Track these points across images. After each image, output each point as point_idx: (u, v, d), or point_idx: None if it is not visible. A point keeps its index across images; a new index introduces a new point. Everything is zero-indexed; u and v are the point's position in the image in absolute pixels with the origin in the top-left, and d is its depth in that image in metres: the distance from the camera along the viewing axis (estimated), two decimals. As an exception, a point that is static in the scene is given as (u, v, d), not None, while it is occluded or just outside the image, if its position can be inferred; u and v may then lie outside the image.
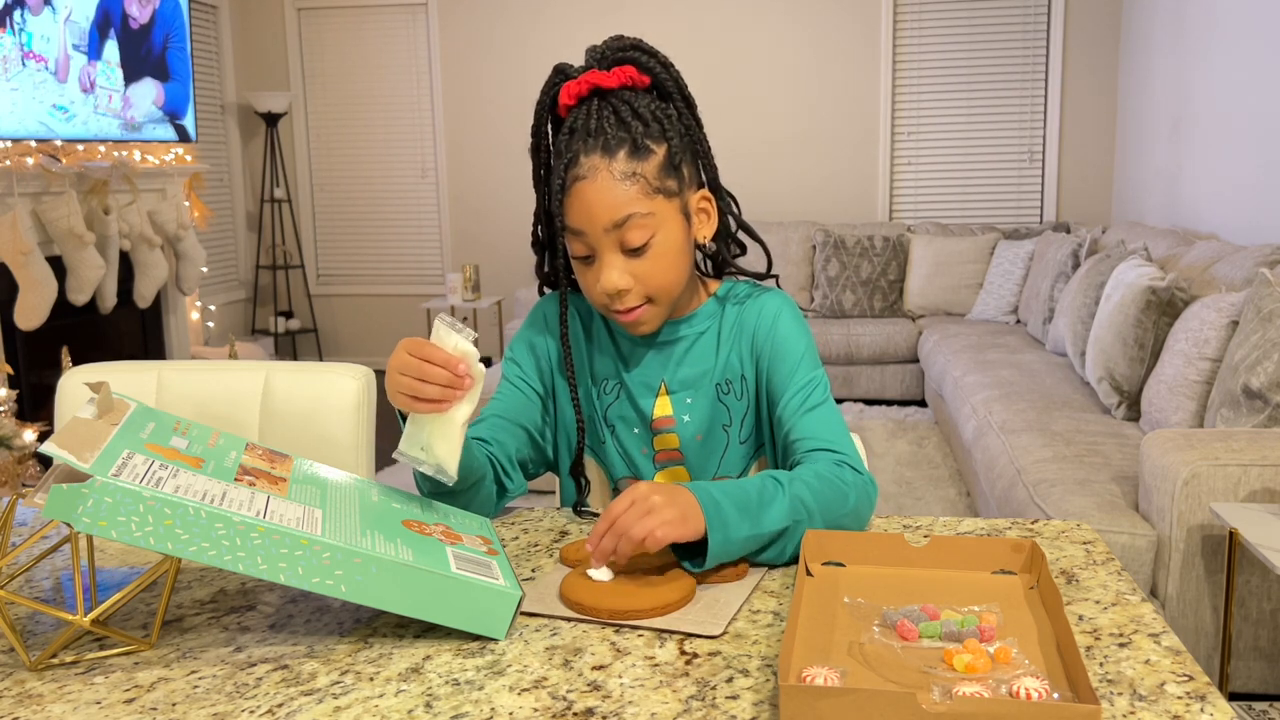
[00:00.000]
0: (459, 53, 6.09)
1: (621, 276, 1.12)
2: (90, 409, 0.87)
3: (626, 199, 1.10)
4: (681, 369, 1.23)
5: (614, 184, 1.09)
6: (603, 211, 1.10)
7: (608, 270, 1.12)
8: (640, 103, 1.12)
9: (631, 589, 0.91)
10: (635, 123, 1.10)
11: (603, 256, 1.12)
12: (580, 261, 1.15)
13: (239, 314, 6.35)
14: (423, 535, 0.92)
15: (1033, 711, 0.68)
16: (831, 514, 1.03)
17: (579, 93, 1.12)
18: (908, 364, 5.10)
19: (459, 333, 0.97)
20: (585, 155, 1.10)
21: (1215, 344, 2.59)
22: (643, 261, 1.12)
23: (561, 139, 1.12)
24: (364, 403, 1.51)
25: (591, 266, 1.14)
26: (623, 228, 1.10)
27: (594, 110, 1.11)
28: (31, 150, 4.06)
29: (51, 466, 0.83)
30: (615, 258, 1.12)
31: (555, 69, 1.15)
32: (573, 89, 1.12)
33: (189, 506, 0.79)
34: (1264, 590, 2.11)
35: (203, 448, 0.91)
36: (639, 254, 1.12)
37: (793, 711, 0.69)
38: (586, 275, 1.15)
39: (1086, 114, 5.57)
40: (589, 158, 1.10)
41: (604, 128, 1.10)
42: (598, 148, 1.10)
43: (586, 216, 1.10)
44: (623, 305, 1.14)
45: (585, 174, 1.10)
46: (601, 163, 1.10)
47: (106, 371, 1.52)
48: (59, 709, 0.76)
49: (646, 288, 1.14)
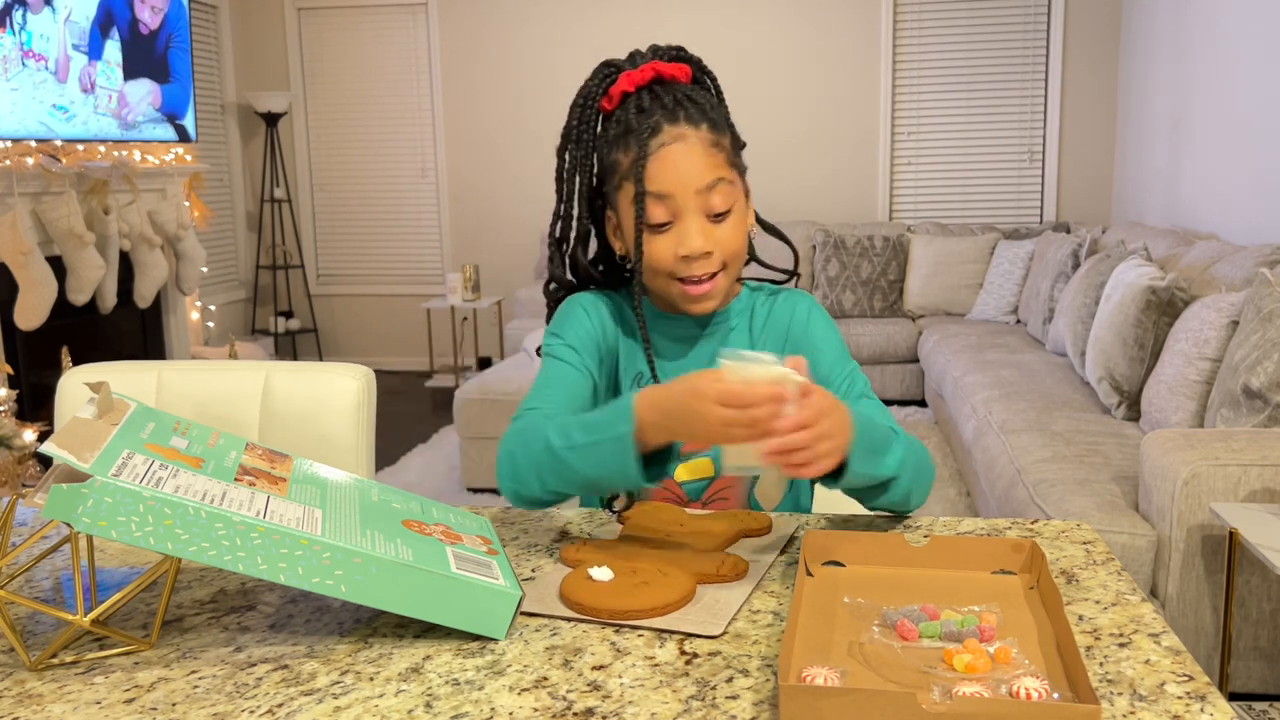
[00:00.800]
0: (459, 53, 6.09)
1: (705, 239, 1.14)
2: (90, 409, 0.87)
3: (715, 164, 1.14)
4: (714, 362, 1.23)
5: (705, 149, 1.14)
6: (695, 174, 1.13)
7: (692, 233, 1.14)
8: (701, 95, 1.17)
9: (631, 589, 0.91)
10: (707, 105, 1.16)
11: (686, 220, 1.14)
12: (654, 230, 1.15)
13: (239, 314, 6.35)
14: (423, 535, 0.92)
15: (1033, 711, 0.68)
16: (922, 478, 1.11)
17: (639, 80, 1.15)
18: (908, 364, 5.10)
19: (757, 361, 0.93)
20: (670, 124, 1.13)
21: (1215, 344, 2.59)
22: (723, 228, 1.15)
23: (629, 117, 1.15)
24: (364, 403, 1.51)
25: (667, 234, 1.15)
26: (712, 190, 1.13)
27: (660, 93, 1.15)
28: (31, 150, 4.06)
29: (51, 466, 0.83)
30: (699, 221, 1.14)
31: (603, 64, 1.18)
32: (634, 76, 1.16)
33: (189, 506, 0.79)
34: (1264, 590, 2.11)
35: (203, 448, 0.91)
36: (720, 219, 1.15)
37: (793, 711, 0.69)
38: (661, 243, 1.15)
39: (1086, 114, 5.57)
40: (675, 126, 1.13)
41: (682, 104, 1.14)
42: (682, 117, 1.13)
43: (676, 179, 1.12)
44: (701, 270, 1.15)
45: (673, 139, 1.13)
46: (689, 130, 1.13)
47: (106, 371, 1.52)
48: (59, 709, 0.76)
49: (724, 254, 1.16)
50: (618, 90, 1.17)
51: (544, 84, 5.99)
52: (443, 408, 5.34)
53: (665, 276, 1.17)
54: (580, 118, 1.19)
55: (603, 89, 1.18)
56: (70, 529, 0.84)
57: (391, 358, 6.42)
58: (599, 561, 0.96)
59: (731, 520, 1.09)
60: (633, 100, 1.16)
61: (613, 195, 1.20)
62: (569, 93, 1.25)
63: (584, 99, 1.19)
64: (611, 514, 1.16)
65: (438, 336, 6.24)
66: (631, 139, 1.14)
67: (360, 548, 0.83)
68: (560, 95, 5.98)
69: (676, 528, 1.07)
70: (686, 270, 1.16)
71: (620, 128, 1.16)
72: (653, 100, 1.15)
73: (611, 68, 1.18)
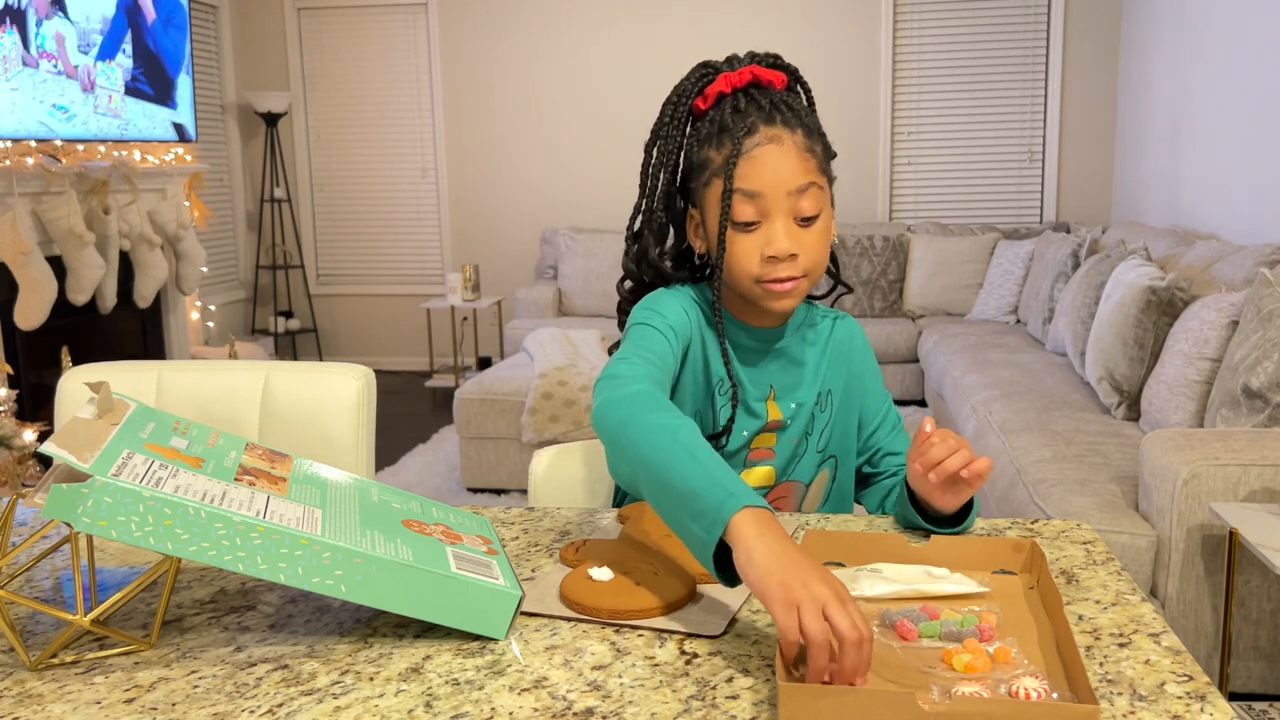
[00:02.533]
0: (459, 53, 6.09)
1: (792, 242, 1.14)
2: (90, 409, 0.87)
3: (807, 169, 1.14)
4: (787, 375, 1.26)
5: (798, 153, 1.14)
6: (789, 175, 1.13)
7: (779, 234, 1.14)
8: (796, 101, 1.18)
9: (631, 589, 0.91)
10: (803, 113, 1.17)
11: (774, 221, 1.14)
12: (740, 229, 1.15)
13: (239, 314, 6.35)
14: (423, 535, 0.92)
15: (1031, 711, 0.68)
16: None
17: (737, 83, 1.16)
18: (908, 364, 5.10)
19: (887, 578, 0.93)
20: (766, 125, 1.14)
21: (1215, 344, 2.59)
22: (810, 233, 1.15)
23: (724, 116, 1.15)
24: (364, 403, 1.51)
25: (753, 233, 1.15)
26: (803, 194, 1.14)
27: (757, 96, 1.16)
28: (31, 150, 4.06)
29: (51, 466, 0.83)
30: (787, 223, 1.14)
31: (700, 64, 1.19)
32: (732, 78, 1.16)
33: (189, 506, 0.79)
34: (1264, 590, 2.11)
35: (203, 448, 0.91)
36: (808, 224, 1.15)
37: (791, 710, 0.69)
38: (746, 243, 1.15)
39: (1086, 114, 5.57)
40: (771, 127, 1.14)
41: (779, 107, 1.15)
42: (778, 120, 1.14)
43: (770, 178, 1.13)
44: (785, 273, 1.15)
45: (768, 140, 1.13)
46: (784, 133, 1.14)
47: (106, 371, 1.52)
48: (59, 709, 0.76)
49: (808, 260, 1.16)
50: (714, 90, 1.17)
51: (544, 84, 5.99)
52: (443, 408, 5.34)
53: (748, 278, 1.17)
54: (673, 115, 1.20)
55: (698, 88, 1.19)
56: (70, 529, 0.84)
57: (391, 358, 6.42)
58: (599, 561, 0.96)
59: None
60: (728, 101, 1.17)
61: (699, 192, 1.19)
62: (569, 92, 1.26)
63: (678, 96, 1.20)
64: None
65: (438, 336, 6.24)
66: (725, 137, 1.14)
67: (360, 548, 0.83)
68: (560, 95, 6.00)
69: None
70: (771, 272, 1.15)
71: (714, 126, 1.16)
72: (749, 102, 1.15)
73: (709, 68, 1.19)
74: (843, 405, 1.29)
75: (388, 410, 5.20)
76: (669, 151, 1.20)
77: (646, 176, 1.22)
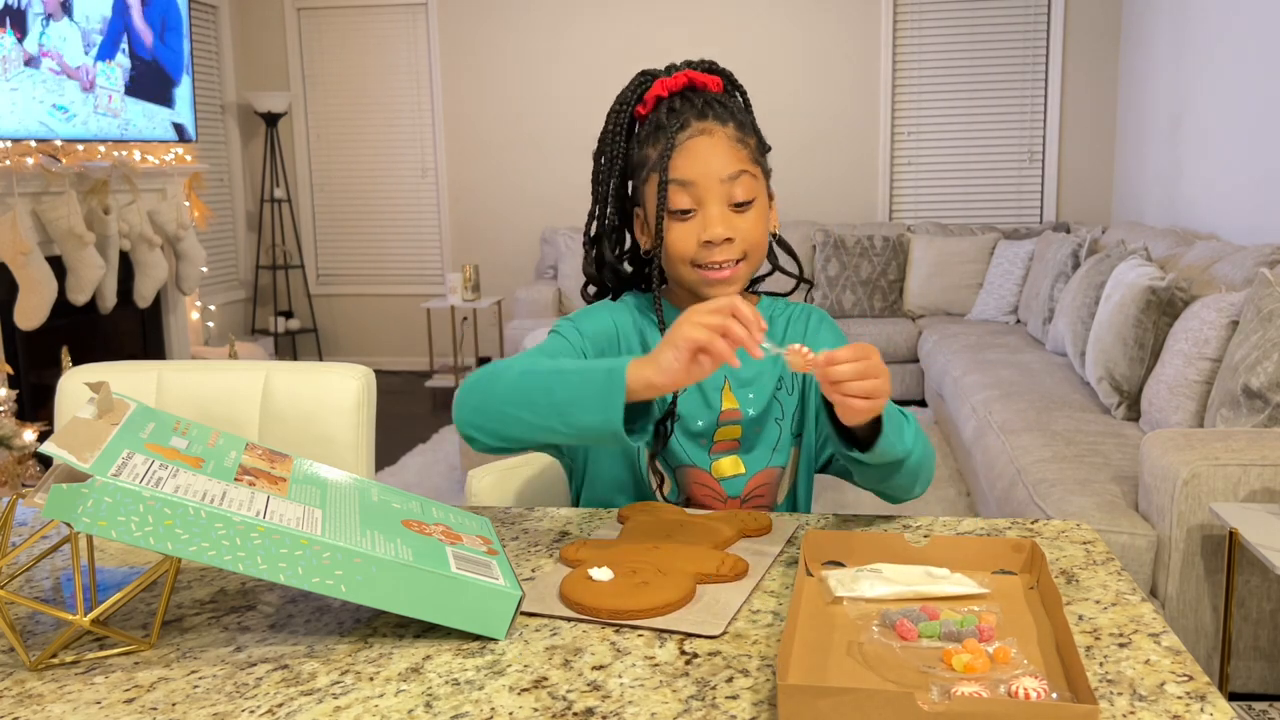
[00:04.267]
0: (459, 53, 6.09)
1: (727, 226, 1.18)
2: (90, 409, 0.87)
3: (739, 157, 1.20)
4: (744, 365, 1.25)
5: (729, 143, 1.20)
6: (720, 164, 1.18)
7: (714, 219, 1.18)
8: (730, 100, 1.23)
9: (631, 589, 0.91)
10: (736, 110, 1.23)
11: (709, 208, 1.19)
12: (677, 218, 1.20)
13: (239, 314, 6.35)
14: (423, 535, 0.92)
15: (1030, 711, 0.68)
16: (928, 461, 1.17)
17: (673, 87, 1.22)
18: (908, 364, 5.10)
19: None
20: (698, 120, 1.19)
21: (1215, 344, 2.59)
22: (745, 218, 1.20)
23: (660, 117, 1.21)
24: (364, 403, 1.51)
25: (689, 221, 1.20)
26: (735, 180, 1.19)
27: (691, 97, 1.21)
28: (31, 150, 4.06)
29: (51, 466, 0.83)
30: (721, 209, 1.19)
31: (640, 73, 1.25)
32: (668, 83, 1.22)
33: (189, 506, 0.79)
34: (1264, 590, 2.11)
35: (202, 448, 0.91)
36: (743, 209, 1.20)
37: (791, 711, 0.69)
38: (683, 230, 1.20)
39: (1086, 114, 5.57)
40: (702, 121, 1.19)
41: (711, 105, 1.21)
42: (711, 115, 1.20)
43: (702, 167, 1.18)
44: (722, 256, 1.19)
45: (700, 133, 1.19)
46: (715, 126, 1.20)
47: (106, 371, 1.52)
48: (59, 709, 0.76)
49: (745, 243, 1.20)
50: (651, 95, 1.23)
51: (544, 84, 5.99)
52: (443, 408, 5.34)
53: (687, 265, 1.21)
54: (615, 122, 1.25)
55: (638, 95, 1.24)
56: (70, 529, 0.84)
57: (391, 358, 6.42)
58: (599, 561, 0.96)
59: (731, 520, 1.09)
60: (665, 103, 1.22)
61: (640, 190, 1.25)
62: (569, 92, 1.28)
63: (619, 104, 1.25)
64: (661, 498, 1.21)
65: (438, 336, 6.24)
66: (660, 133, 1.20)
67: (360, 548, 0.83)
68: (560, 95, 5.99)
69: (676, 528, 1.07)
70: (708, 257, 1.19)
71: (651, 126, 1.22)
72: (684, 102, 1.21)
73: (647, 76, 1.25)
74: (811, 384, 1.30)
75: (388, 410, 5.20)
76: (614, 157, 1.25)
77: (597, 184, 1.27)
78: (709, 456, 1.26)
